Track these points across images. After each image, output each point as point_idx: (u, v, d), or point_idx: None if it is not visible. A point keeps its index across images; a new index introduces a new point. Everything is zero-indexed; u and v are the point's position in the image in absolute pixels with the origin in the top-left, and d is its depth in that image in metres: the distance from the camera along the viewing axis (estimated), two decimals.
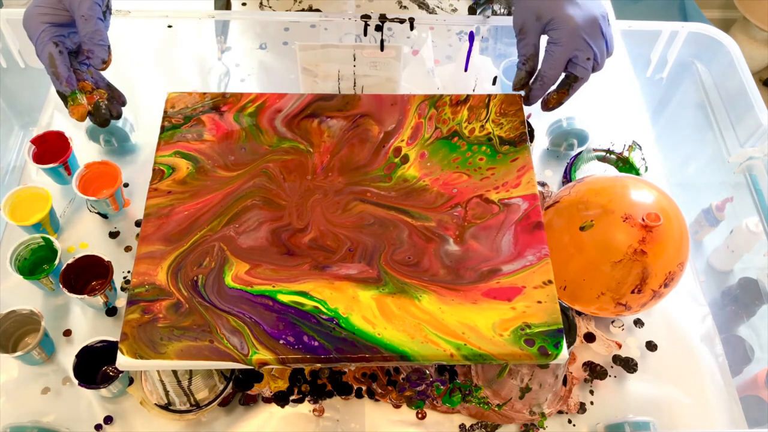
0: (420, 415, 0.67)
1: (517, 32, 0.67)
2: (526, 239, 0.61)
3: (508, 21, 0.87)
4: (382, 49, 0.77)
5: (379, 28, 0.78)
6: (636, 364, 0.70)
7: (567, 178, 0.81)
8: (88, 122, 0.82)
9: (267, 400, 0.67)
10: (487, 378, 0.66)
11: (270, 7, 0.89)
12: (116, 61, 0.91)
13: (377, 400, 0.67)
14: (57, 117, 0.86)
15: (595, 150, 0.83)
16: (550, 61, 0.65)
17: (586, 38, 0.63)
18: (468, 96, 0.72)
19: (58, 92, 0.64)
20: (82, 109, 0.64)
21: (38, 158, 0.77)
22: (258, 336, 0.55)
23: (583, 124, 0.84)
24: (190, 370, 0.61)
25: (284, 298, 0.57)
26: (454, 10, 0.88)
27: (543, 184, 0.81)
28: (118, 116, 0.70)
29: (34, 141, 0.76)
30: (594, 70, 0.66)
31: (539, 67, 0.66)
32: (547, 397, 0.65)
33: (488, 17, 0.84)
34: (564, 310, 0.64)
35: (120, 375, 0.63)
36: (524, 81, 0.68)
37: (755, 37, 1.86)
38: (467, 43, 0.81)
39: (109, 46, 0.63)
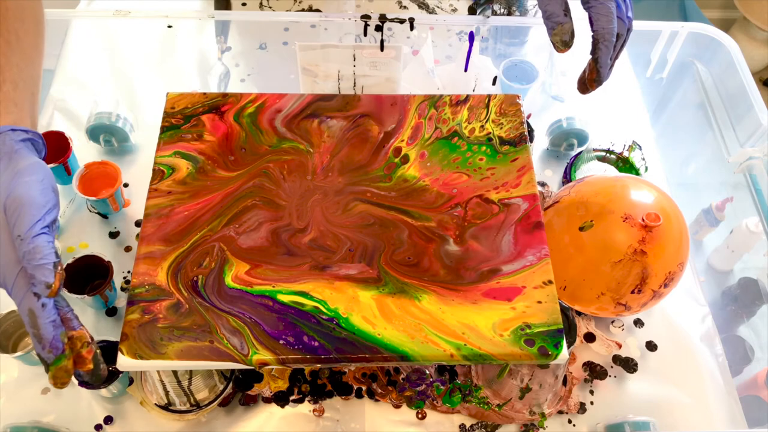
0: (420, 415, 0.67)
1: None
2: (526, 239, 0.61)
3: (508, 21, 0.87)
4: (382, 49, 0.77)
5: (379, 28, 0.78)
6: (636, 364, 0.70)
7: (567, 178, 0.81)
8: (88, 122, 0.82)
9: (267, 400, 0.67)
10: (487, 378, 0.66)
11: (270, 7, 0.89)
12: (116, 61, 0.92)
13: (377, 400, 0.67)
14: (57, 117, 0.85)
15: (595, 150, 0.83)
16: (602, 11, 0.56)
17: None
18: (468, 96, 0.72)
19: (38, 354, 0.48)
20: (68, 373, 0.49)
21: None
22: (258, 336, 0.55)
23: (583, 124, 0.83)
24: (190, 371, 0.61)
25: (284, 298, 0.57)
26: (454, 10, 0.88)
27: (543, 184, 0.81)
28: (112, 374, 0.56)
29: None
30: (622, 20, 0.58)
31: (594, 28, 0.57)
32: (547, 397, 0.65)
33: (488, 17, 0.84)
34: (564, 310, 0.64)
35: (120, 375, 0.63)
36: (571, 32, 0.57)
37: (755, 37, 1.87)
38: (467, 43, 0.81)
39: (56, 263, 0.47)
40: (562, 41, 0.57)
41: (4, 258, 0.47)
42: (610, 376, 0.70)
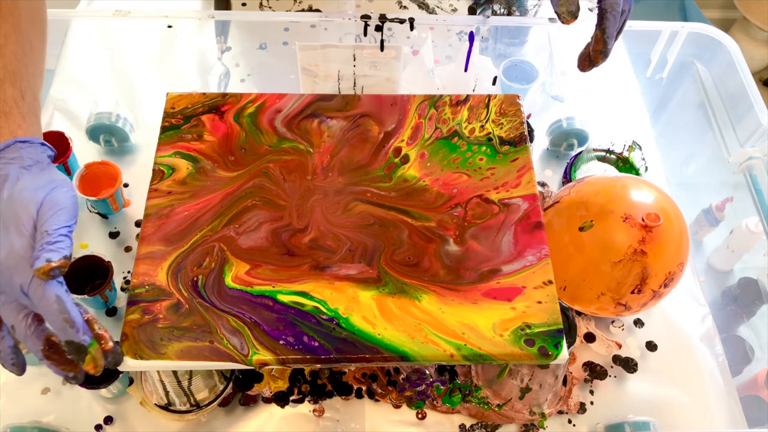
0: (420, 415, 0.67)
1: None
2: (526, 239, 0.61)
3: (508, 21, 0.87)
4: (382, 49, 0.77)
5: (379, 28, 0.78)
6: (636, 364, 0.70)
7: (567, 178, 0.81)
8: (88, 122, 0.82)
9: (267, 401, 0.67)
10: (487, 378, 0.66)
11: (270, 7, 0.89)
12: (116, 61, 0.92)
13: (377, 400, 0.67)
14: (57, 117, 0.85)
15: (595, 150, 0.83)
16: None
17: None
18: (468, 96, 0.72)
19: (69, 342, 0.47)
20: (101, 355, 0.49)
21: None
22: (258, 336, 0.55)
23: (583, 124, 0.84)
24: (190, 371, 0.61)
25: (284, 298, 0.57)
26: (454, 10, 0.88)
27: (543, 184, 0.81)
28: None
29: None
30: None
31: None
32: (547, 397, 0.65)
33: (488, 17, 0.84)
34: (564, 310, 0.64)
35: (120, 375, 0.63)
36: (577, 3, 0.57)
37: (755, 37, 1.87)
38: (467, 43, 0.81)
39: (67, 255, 0.47)
40: (569, 11, 0.57)
41: (22, 252, 0.47)
42: (610, 376, 0.70)
